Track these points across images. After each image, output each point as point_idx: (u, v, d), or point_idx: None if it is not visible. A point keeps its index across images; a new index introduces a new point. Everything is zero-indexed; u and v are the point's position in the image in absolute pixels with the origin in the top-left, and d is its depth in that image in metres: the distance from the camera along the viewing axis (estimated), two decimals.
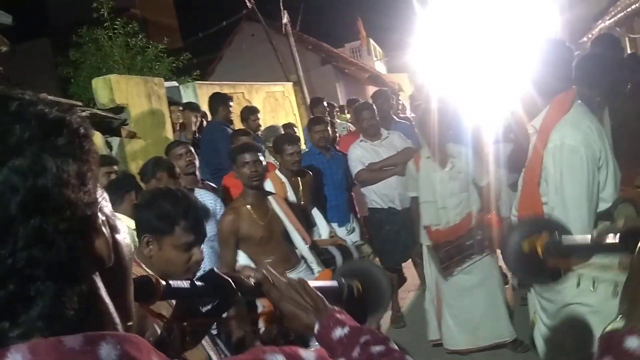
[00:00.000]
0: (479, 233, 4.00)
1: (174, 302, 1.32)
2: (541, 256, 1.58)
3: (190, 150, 4.23)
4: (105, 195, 0.71)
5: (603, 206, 2.32)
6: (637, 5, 9.16)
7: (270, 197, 3.69)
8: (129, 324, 0.71)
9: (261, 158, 3.62)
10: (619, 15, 10.01)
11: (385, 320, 5.08)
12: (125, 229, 0.74)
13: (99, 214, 0.67)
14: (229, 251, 3.48)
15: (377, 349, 1.05)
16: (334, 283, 1.40)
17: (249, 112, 6.52)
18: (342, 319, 1.13)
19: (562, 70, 2.42)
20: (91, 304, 0.63)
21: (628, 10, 9.59)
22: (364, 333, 1.09)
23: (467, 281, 4.03)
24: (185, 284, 1.13)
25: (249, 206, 3.51)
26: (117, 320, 0.67)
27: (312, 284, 1.30)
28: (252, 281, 1.21)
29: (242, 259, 3.49)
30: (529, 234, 1.64)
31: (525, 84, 2.44)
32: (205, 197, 3.84)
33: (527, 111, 2.51)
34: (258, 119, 6.55)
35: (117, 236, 0.70)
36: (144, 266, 1.87)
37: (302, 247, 3.70)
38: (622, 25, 9.96)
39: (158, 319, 1.24)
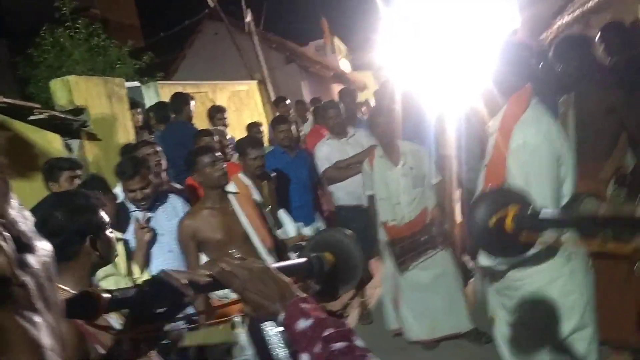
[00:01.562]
0: (433, 229, 4.08)
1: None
2: (510, 230, 1.54)
3: (158, 151, 4.15)
4: (26, 212, 0.68)
5: (562, 201, 2.36)
6: (593, 3, 9.37)
7: (231, 197, 3.63)
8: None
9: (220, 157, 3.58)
10: (576, 13, 10.23)
11: (353, 316, 5.10)
12: (47, 247, 0.70)
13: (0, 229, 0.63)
14: (191, 256, 3.43)
15: (338, 345, 1.02)
16: (302, 260, 1.38)
17: (216, 111, 6.49)
18: (306, 309, 1.10)
19: (520, 68, 2.44)
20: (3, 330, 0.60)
21: (584, 8, 9.80)
22: (328, 326, 1.06)
23: (423, 276, 4.12)
24: (131, 292, 1.09)
25: (207, 210, 3.46)
26: (44, 343, 0.64)
27: (280, 265, 1.28)
28: (205, 277, 1.17)
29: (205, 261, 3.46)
30: (496, 208, 1.60)
31: (485, 82, 2.45)
32: (176, 203, 3.77)
33: (488, 108, 2.53)
34: (225, 117, 6.50)
35: (29, 255, 0.66)
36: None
37: (260, 249, 3.65)
38: (580, 22, 10.18)
39: (104, 331, 1.19)
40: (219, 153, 3.73)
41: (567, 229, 1.64)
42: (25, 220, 0.66)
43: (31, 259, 0.66)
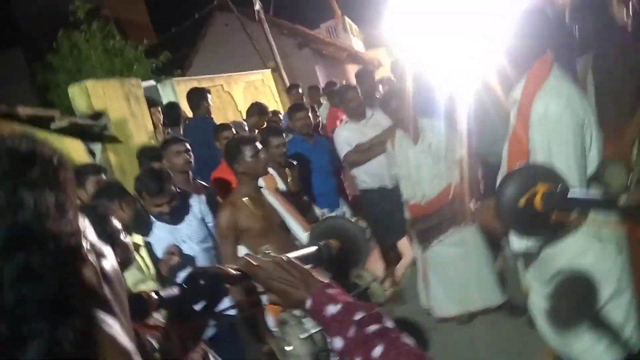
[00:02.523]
0: (456, 205, 4.04)
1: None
2: (540, 210, 1.51)
3: (189, 148, 4.14)
4: (87, 221, 0.69)
5: (590, 168, 2.32)
6: None
7: (262, 190, 3.66)
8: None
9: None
10: None
11: (385, 297, 5.11)
12: (111, 252, 0.72)
13: (83, 242, 0.65)
14: (229, 246, 3.42)
15: (372, 328, 1.04)
16: (313, 249, 1.41)
17: (263, 112, 6.40)
18: (334, 294, 1.12)
19: (536, 39, 2.40)
20: (91, 337, 0.61)
21: None
22: (358, 309, 1.08)
23: (449, 252, 4.10)
24: (175, 290, 1.13)
25: (245, 198, 3.45)
26: (128, 348, 0.65)
27: (293, 255, 1.32)
28: (233, 269, 1.22)
29: (243, 253, 3.46)
30: (525, 187, 1.56)
31: (499, 55, 2.41)
32: (192, 202, 3.77)
33: (502, 80, 2.48)
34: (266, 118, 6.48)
35: (104, 262, 0.68)
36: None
37: (301, 235, 3.69)
38: None
39: (154, 330, 1.23)
40: (274, 140, 3.78)
41: (597, 210, 1.60)
42: (90, 229, 0.68)
43: (106, 266, 0.68)
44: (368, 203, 4.99)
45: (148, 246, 3.35)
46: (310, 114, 5.28)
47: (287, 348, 2.73)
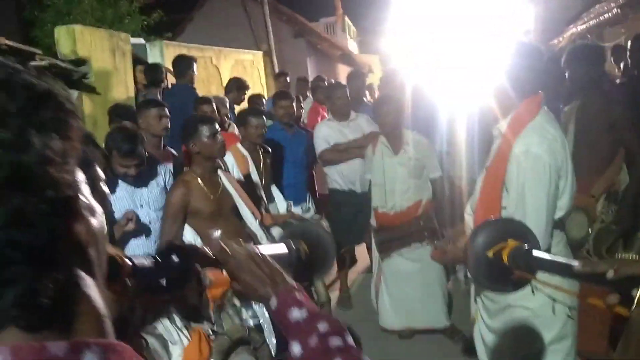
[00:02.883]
0: (424, 222, 4.09)
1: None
2: (507, 264, 1.55)
3: (168, 114, 4.05)
4: (81, 174, 0.64)
5: (558, 214, 2.36)
6: (608, 15, 9.32)
7: (219, 171, 3.60)
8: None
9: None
10: (591, 23, 10.18)
11: (333, 301, 5.12)
12: (100, 210, 0.68)
13: (80, 196, 0.62)
14: (174, 225, 3.30)
15: (335, 342, 1.02)
16: (282, 248, 1.41)
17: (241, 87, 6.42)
18: (301, 300, 1.11)
19: (533, 74, 2.42)
20: (70, 295, 0.58)
21: (600, 18, 9.75)
22: (322, 319, 1.07)
23: (406, 266, 4.14)
24: (147, 261, 1.10)
25: (200, 179, 3.37)
26: (102, 312, 0.62)
27: (264, 250, 1.30)
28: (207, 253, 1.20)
29: (189, 233, 3.35)
30: (495, 241, 1.61)
31: (497, 82, 2.43)
32: (158, 169, 3.68)
33: (500, 108, 2.50)
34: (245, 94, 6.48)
35: (92, 219, 0.64)
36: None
37: (252, 222, 3.64)
38: (593, 32, 10.14)
39: (121, 295, 1.18)
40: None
41: (562, 277, 1.64)
42: (85, 184, 0.64)
43: (95, 223, 0.64)
44: (335, 203, 4.99)
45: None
46: (294, 104, 5.24)
47: (220, 330, 2.69)
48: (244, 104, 6.30)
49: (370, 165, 4.30)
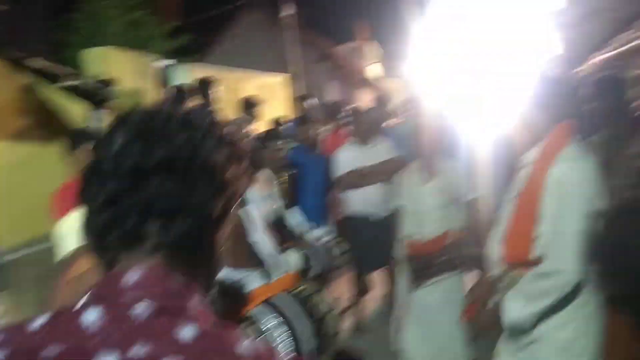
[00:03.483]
0: (453, 250, 4.00)
1: None
2: None
3: None
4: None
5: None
6: (636, 43, 9.21)
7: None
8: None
9: None
10: (618, 50, 10.07)
11: (349, 326, 5.08)
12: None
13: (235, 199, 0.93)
14: None
15: None
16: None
17: (252, 104, 6.51)
18: None
19: (563, 101, 2.40)
20: (206, 260, 0.91)
21: (627, 47, 9.64)
22: None
23: (432, 298, 4.03)
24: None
25: None
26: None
27: None
28: None
29: None
30: None
31: (525, 109, 2.41)
32: None
33: (527, 136, 2.47)
34: (259, 111, 6.55)
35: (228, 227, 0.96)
36: None
37: (267, 246, 3.62)
38: (621, 60, 10.02)
39: None
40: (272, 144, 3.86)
41: None
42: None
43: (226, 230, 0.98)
44: (353, 229, 4.96)
45: None
46: (316, 127, 5.27)
47: None
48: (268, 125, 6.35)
49: (401, 193, 4.23)
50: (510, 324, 2.39)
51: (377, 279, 5.58)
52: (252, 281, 3.28)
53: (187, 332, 0.77)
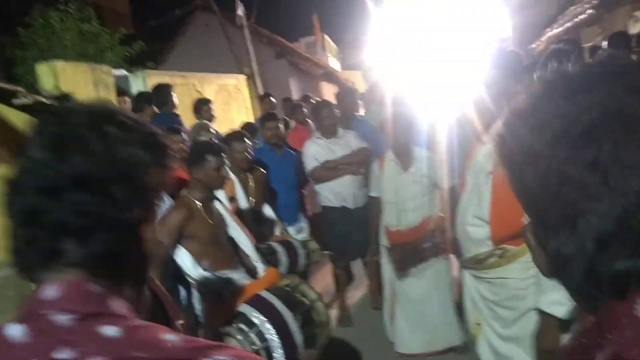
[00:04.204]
0: (436, 236, 4.04)
1: None
2: None
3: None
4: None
5: None
6: (584, 16, 9.46)
7: (215, 201, 3.56)
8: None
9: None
10: (567, 25, 10.32)
11: (332, 318, 5.08)
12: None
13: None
14: (168, 241, 3.20)
15: None
16: None
17: (202, 103, 6.47)
18: None
19: (514, 78, 2.44)
20: (129, 269, 0.90)
21: (575, 20, 9.88)
22: None
23: (421, 285, 4.06)
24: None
25: (197, 205, 3.33)
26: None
27: None
28: None
29: (187, 259, 3.31)
30: None
31: (478, 88, 2.43)
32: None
33: (480, 114, 2.50)
34: (211, 109, 6.48)
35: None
36: None
37: (247, 246, 3.60)
38: (571, 34, 10.27)
39: None
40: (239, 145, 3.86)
41: None
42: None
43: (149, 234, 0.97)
44: (328, 221, 4.97)
45: None
46: (281, 125, 5.25)
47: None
48: (230, 127, 6.29)
49: (378, 184, 4.25)
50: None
51: (356, 269, 5.60)
52: (237, 280, 3.27)
53: (110, 331, 0.78)
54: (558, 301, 2.21)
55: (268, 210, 4.53)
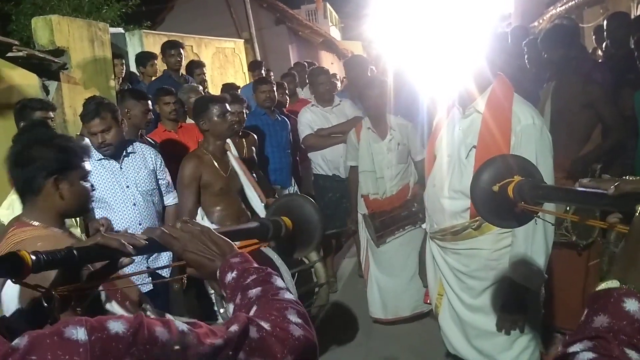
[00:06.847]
0: (414, 205, 4.08)
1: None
2: (512, 198, 1.51)
3: (151, 108, 4.24)
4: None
5: None
6: None
7: (229, 153, 3.66)
8: None
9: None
10: (569, 4, 10.23)
11: (328, 277, 5.15)
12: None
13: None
14: (191, 197, 3.42)
15: (253, 292, 1.07)
16: (255, 224, 1.44)
17: (195, 66, 6.43)
18: (234, 262, 1.14)
19: (504, 55, 2.45)
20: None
21: (578, 0, 9.79)
22: (251, 274, 1.11)
23: (397, 253, 4.13)
24: (60, 253, 1.10)
25: (211, 156, 3.48)
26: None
27: (233, 228, 1.37)
28: (142, 240, 1.22)
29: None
30: (502, 177, 1.57)
31: (472, 62, 2.42)
32: (147, 153, 3.64)
33: (474, 86, 2.49)
34: (203, 73, 6.44)
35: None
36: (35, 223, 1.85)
37: (257, 204, 3.68)
38: (573, 13, 10.19)
39: (33, 289, 1.16)
40: (231, 107, 3.73)
41: (566, 204, 1.61)
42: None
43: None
44: (319, 188, 5.00)
45: None
46: (274, 89, 5.21)
47: (221, 310, 2.71)
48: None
49: (355, 152, 4.26)
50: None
51: (342, 237, 5.66)
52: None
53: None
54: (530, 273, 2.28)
55: (258, 175, 4.55)
